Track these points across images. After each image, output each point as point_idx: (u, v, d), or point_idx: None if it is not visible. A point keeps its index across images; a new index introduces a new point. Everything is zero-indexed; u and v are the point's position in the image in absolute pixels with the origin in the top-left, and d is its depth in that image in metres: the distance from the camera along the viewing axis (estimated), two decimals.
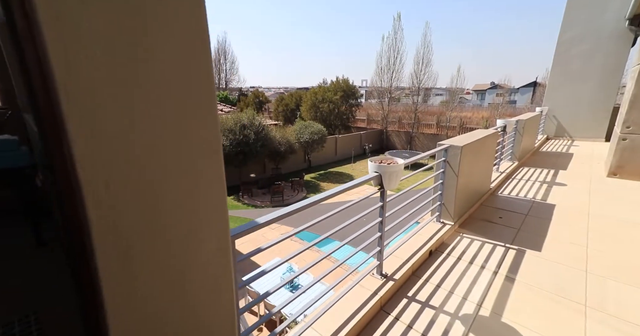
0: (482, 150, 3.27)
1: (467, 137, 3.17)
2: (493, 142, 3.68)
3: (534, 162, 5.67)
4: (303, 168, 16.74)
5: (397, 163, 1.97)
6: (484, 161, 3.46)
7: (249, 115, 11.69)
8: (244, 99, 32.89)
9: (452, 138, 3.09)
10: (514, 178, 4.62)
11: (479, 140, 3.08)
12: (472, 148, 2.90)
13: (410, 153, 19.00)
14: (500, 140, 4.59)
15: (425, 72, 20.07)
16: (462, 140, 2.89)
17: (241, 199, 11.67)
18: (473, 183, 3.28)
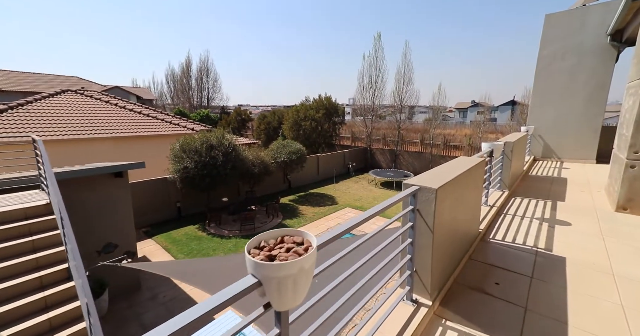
0: (466, 186, 2.44)
1: (445, 170, 2.33)
2: (480, 172, 2.87)
3: (525, 189, 4.93)
4: (282, 190, 15.70)
5: (295, 256, 0.96)
6: (470, 198, 2.62)
7: (218, 134, 10.74)
8: (226, 117, 32.13)
9: (425, 173, 2.23)
10: (506, 214, 3.79)
11: (462, 174, 2.25)
12: (452, 187, 2.05)
13: (395, 172, 18.37)
14: (486, 167, 3.82)
15: (407, 90, 20.04)
16: (437, 177, 2.04)
17: (207, 228, 10.42)
18: (457, 234, 2.40)
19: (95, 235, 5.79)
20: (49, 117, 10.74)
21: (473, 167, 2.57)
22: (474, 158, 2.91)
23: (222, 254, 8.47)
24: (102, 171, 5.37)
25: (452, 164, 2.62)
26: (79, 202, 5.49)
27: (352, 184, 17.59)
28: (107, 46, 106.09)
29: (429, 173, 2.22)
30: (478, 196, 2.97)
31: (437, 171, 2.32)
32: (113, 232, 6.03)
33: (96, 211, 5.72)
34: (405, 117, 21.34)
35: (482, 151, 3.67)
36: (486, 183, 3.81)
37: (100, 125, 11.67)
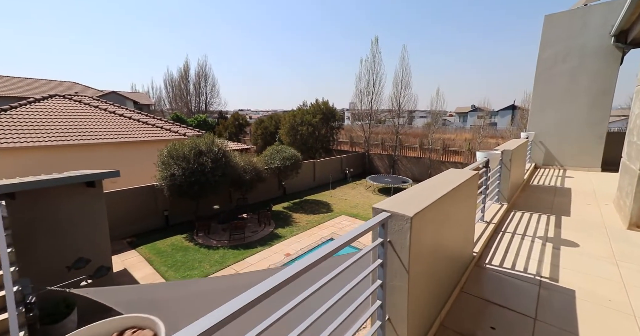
0: (456, 203, 2.06)
1: (427, 188, 1.94)
2: (473, 186, 2.49)
3: (526, 201, 4.52)
4: (276, 196, 15.30)
5: None
6: (461, 216, 2.24)
7: (207, 139, 10.40)
8: (223, 122, 31.90)
9: (402, 194, 1.84)
10: (505, 231, 3.39)
11: (449, 193, 1.86)
12: (435, 211, 1.67)
13: (393, 178, 17.96)
14: (482, 179, 3.43)
15: (405, 94, 19.75)
16: (415, 199, 1.65)
17: (195, 238, 10.00)
18: (444, 262, 2.00)
19: (65, 250, 5.39)
20: (33, 123, 10.43)
21: (464, 182, 2.18)
22: (466, 171, 2.53)
23: (208, 266, 8.04)
24: (71, 181, 5.00)
25: (439, 179, 2.23)
26: (48, 214, 5.12)
27: (349, 190, 17.17)
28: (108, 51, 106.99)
29: (406, 193, 1.83)
30: (472, 212, 2.58)
31: (417, 190, 1.94)
32: (85, 246, 5.63)
33: (67, 223, 5.33)
34: (404, 122, 21.01)
35: (477, 161, 3.29)
36: (482, 197, 3.42)
37: (87, 131, 11.36)
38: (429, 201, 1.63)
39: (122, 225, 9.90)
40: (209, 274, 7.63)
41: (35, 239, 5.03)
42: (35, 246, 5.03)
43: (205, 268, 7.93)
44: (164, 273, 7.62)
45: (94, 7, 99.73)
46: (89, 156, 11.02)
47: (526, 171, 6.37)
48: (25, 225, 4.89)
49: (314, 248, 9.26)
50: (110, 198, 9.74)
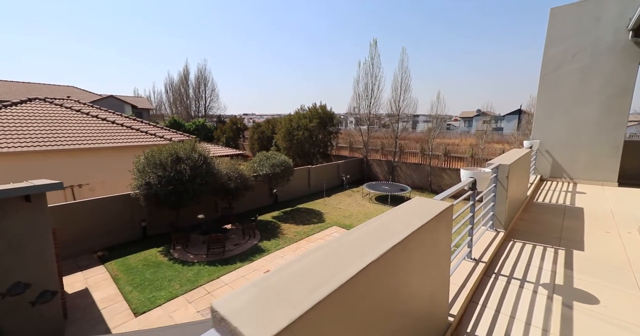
0: (420, 248, 1.33)
1: (354, 243, 1.20)
2: (446, 220, 1.75)
3: (529, 226, 3.72)
4: (267, 205, 14.59)
5: None
6: (423, 277, 1.50)
7: (187, 145, 9.77)
8: (221, 126, 31.48)
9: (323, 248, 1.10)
10: (499, 274, 2.60)
11: (404, 241, 1.12)
12: (379, 269, 0.93)
13: (391, 186, 17.11)
14: (469, 204, 2.66)
15: (404, 98, 18.99)
16: (336, 261, 0.92)
17: (171, 251, 9.31)
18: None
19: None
20: (4, 127, 9.95)
21: (432, 220, 1.45)
22: (438, 203, 1.78)
23: (177, 286, 7.32)
24: None
25: (387, 220, 1.49)
26: None
27: (344, 198, 16.38)
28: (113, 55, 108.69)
29: (296, 266, 1.09)
30: (444, 261, 1.82)
31: (348, 241, 1.19)
32: (24, 269, 4.97)
33: (1, 244, 4.68)
34: (404, 127, 20.22)
35: (460, 182, 2.52)
36: (468, 228, 2.64)
37: (64, 136, 10.86)
38: (361, 265, 0.89)
39: (95, 237, 9.28)
40: (177, 295, 6.91)
41: None
42: None
43: (174, 289, 7.21)
44: (128, 294, 6.92)
45: (99, 11, 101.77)
46: (64, 162, 10.49)
47: (530, 184, 5.56)
48: None
49: None
50: (82, 208, 9.17)
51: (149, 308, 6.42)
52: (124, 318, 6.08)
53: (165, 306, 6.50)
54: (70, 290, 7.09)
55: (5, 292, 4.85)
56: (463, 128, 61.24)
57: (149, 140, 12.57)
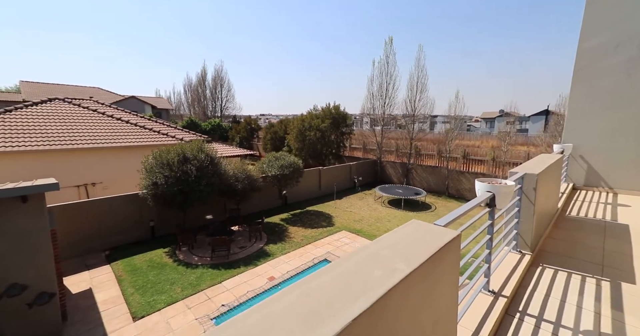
0: (408, 308, 0.93)
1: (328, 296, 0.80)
2: (448, 266, 1.32)
3: (560, 249, 3.14)
4: (276, 206, 14.36)
5: None
6: (435, 300, 1.08)
7: (194, 145, 9.68)
8: (236, 126, 31.80)
9: None
10: (524, 313, 2.09)
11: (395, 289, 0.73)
12: None
13: (405, 189, 16.40)
14: (487, 224, 2.17)
15: (420, 98, 18.17)
16: None
17: (177, 252, 9.24)
18: None
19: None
20: (23, 127, 10.31)
21: (431, 258, 1.03)
22: (441, 231, 1.34)
23: (179, 290, 7.17)
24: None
25: (377, 252, 1.08)
26: None
27: (356, 201, 15.87)
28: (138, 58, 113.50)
29: None
30: (451, 299, 1.38)
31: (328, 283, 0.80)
32: (21, 270, 4.94)
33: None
34: (420, 128, 19.39)
35: (476, 198, 2.05)
36: (485, 254, 2.16)
37: (79, 135, 11.12)
38: None
39: (103, 236, 9.39)
40: (177, 300, 6.75)
41: None
42: None
43: (175, 293, 7.06)
44: (129, 297, 6.85)
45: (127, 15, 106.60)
46: (79, 161, 10.74)
47: (561, 194, 4.88)
48: None
49: (302, 273, 8.13)
50: (93, 206, 9.30)
51: (147, 312, 6.29)
52: (122, 322, 5.97)
53: (164, 311, 6.35)
54: (75, 290, 7.12)
55: (2, 294, 4.83)
56: (484, 129, 58.69)
57: (161, 140, 12.68)
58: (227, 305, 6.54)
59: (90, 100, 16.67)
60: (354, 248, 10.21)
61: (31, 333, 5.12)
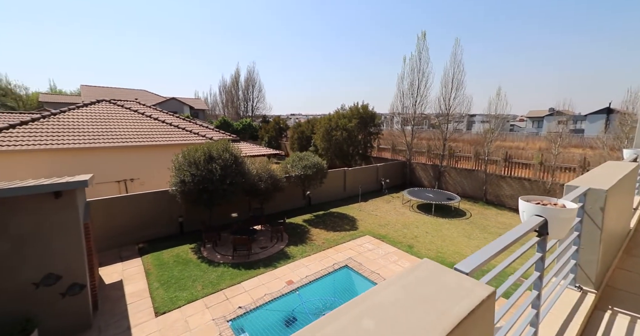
0: None
1: None
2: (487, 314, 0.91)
3: (635, 287, 2.45)
4: (299, 207, 14.24)
5: None
6: None
7: (219, 145, 9.86)
8: (265, 126, 32.47)
9: None
10: None
11: None
12: None
13: (436, 194, 15.33)
14: (536, 257, 1.67)
15: (456, 95, 16.83)
16: None
17: (202, 249, 9.49)
18: None
19: (32, 265, 5.08)
20: (73, 126, 11.31)
21: (454, 333, 0.66)
22: (464, 284, 0.94)
23: (200, 287, 7.29)
24: (28, 191, 4.62)
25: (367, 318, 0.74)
26: (11, 226, 4.82)
27: (382, 204, 15.20)
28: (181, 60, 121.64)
29: None
30: None
31: None
32: (55, 261, 5.28)
33: (32, 237, 5.02)
34: (455, 128, 18.04)
35: (521, 225, 1.57)
36: (532, 298, 1.66)
37: (120, 134, 11.95)
38: None
39: (138, 230, 9.95)
40: (197, 298, 6.86)
41: None
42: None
43: (196, 290, 7.19)
44: (154, 291, 7.11)
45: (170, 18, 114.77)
46: (119, 158, 11.52)
47: (634, 210, 3.99)
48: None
49: (321, 278, 7.84)
50: (129, 201, 9.91)
51: (169, 308, 6.45)
52: (145, 316, 6.17)
53: (184, 309, 6.46)
54: (108, 281, 7.57)
55: (39, 282, 5.19)
56: (530, 129, 53.57)
57: (192, 139, 13.20)
58: (244, 307, 6.47)
59: (134, 101, 17.99)
60: (377, 255, 9.69)
61: (64, 321, 5.46)
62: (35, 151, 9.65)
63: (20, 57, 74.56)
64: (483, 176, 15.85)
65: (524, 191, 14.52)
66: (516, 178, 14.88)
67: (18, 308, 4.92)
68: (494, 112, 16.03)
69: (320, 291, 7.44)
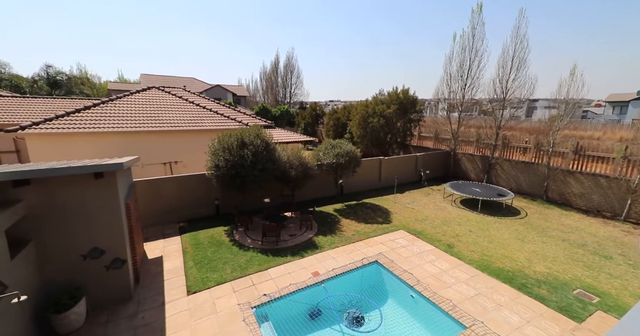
0: None
1: None
2: None
3: None
4: (332, 195, 13.93)
5: None
6: None
7: (252, 131, 9.81)
8: (302, 112, 32.34)
9: None
10: None
11: None
12: None
13: (485, 189, 13.75)
14: None
15: (516, 77, 14.49)
16: None
17: (234, 232, 9.77)
18: None
19: (80, 238, 5.55)
20: (125, 111, 12.24)
21: None
22: None
23: (229, 270, 7.48)
24: (74, 171, 4.93)
25: None
26: (61, 202, 5.26)
27: (420, 197, 14.17)
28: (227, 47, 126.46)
29: None
30: None
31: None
32: (99, 237, 5.71)
33: (79, 213, 5.44)
34: (511, 114, 15.75)
35: None
36: None
37: (166, 119, 12.65)
38: None
39: (180, 209, 10.57)
40: (225, 281, 7.04)
41: (52, 225, 5.24)
42: (51, 232, 5.24)
43: (225, 273, 7.40)
44: (188, 270, 7.48)
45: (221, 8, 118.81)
46: (164, 142, 12.25)
47: None
48: (40, 211, 5.11)
49: (348, 272, 7.50)
50: (172, 182, 10.51)
51: (200, 288, 6.71)
52: (178, 294, 6.50)
53: (213, 290, 6.67)
54: (151, 256, 8.17)
55: (86, 255, 5.67)
56: (610, 116, 45.53)
57: (231, 125, 13.51)
58: (269, 295, 6.45)
59: (181, 89, 19.00)
60: (411, 253, 8.97)
61: (108, 292, 5.97)
62: (92, 134, 10.66)
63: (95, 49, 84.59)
64: (545, 170, 13.74)
65: (599, 189, 12.25)
66: (589, 174, 12.59)
67: (69, 277, 5.45)
68: (565, 96, 13.52)
69: (346, 287, 7.12)
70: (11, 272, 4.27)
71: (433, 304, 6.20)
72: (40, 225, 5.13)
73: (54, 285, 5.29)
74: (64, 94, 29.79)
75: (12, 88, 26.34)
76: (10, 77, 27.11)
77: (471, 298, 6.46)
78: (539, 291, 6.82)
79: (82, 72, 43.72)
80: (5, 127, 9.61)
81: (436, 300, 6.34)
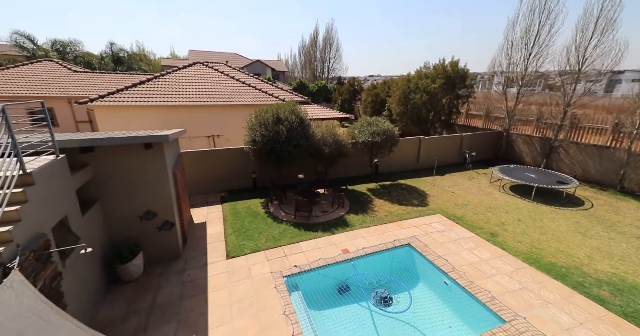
0: None
1: None
2: None
3: None
4: (366, 174, 13.66)
5: None
6: None
7: (287, 107, 9.75)
8: (339, 88, 31.27)
9: None
10: None
11: None
12: None
13: (542, 174, 12.26)
14: None
15: (600, 42, 11.95)
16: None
17: (269, 205, 10.21)
18: None
19: (136, 201, 6.23)
20: (172, 86, 12.97)
21: None
22: None
23: (263, 240, 7.93)
24: (128, 141, 5.42)
25: None
26: (120, 168, 5.87)
27: (462, 181, 13.21)
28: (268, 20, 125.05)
29: None
30: None
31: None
32: (152, 201, 6.35)
33: (134, 178, 6.05)
34: (585, 89, 13.30)
35: None
36: None
37: (210, 93, 13.22)
38: None
39: (221, 180, 11.30)
40: (260, 249, 7.50)
41: (113, 188, 5.93)
42: (112, 194, 5.95)
43: (260, 242, 7.86)
44: (228, 236, 8.09)
45: None
46: (208, 115, 12.84)
47: None
48: (104, 175, 5.78)
49: (378, 252, 7.46)
50: (215, 154, 11.10)
51: (237, 254, 7.26)
52: (219, 257, 7.12)
53: (248, 257, 7.17)
54: (197, 221, 8.99)
55: (142, 216, 6.39)
56: None
57: (269, 100, 13.62)
58: (299, 266, 6.74)
59: (223, 64, 19.44)
60: (448, 238, 8.52)
61: (160, 250, 6.74)
62: (143, 107, 11.54)
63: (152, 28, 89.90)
64: (623, 155, 11.70)
65: None
66: None
67: (129, 235, 6.24)
68: None
69: (376, 266, 7.12)
70: (83, 226, 5.00)
71: (469, 293, 5.92)
72: (103, 188, 5.84)
73: (117, 240, 6.11)
74: (125, 70, 32.64)
75: (84, 64, 29.56)
76: (83, 55, 30.33)
77: (514, 292, 6.02)
78: (599, 292, 6.09)
79: (140, 49, 47.09)
80: (80, 100, 10.83)
81: (473, 289, 6.03)
